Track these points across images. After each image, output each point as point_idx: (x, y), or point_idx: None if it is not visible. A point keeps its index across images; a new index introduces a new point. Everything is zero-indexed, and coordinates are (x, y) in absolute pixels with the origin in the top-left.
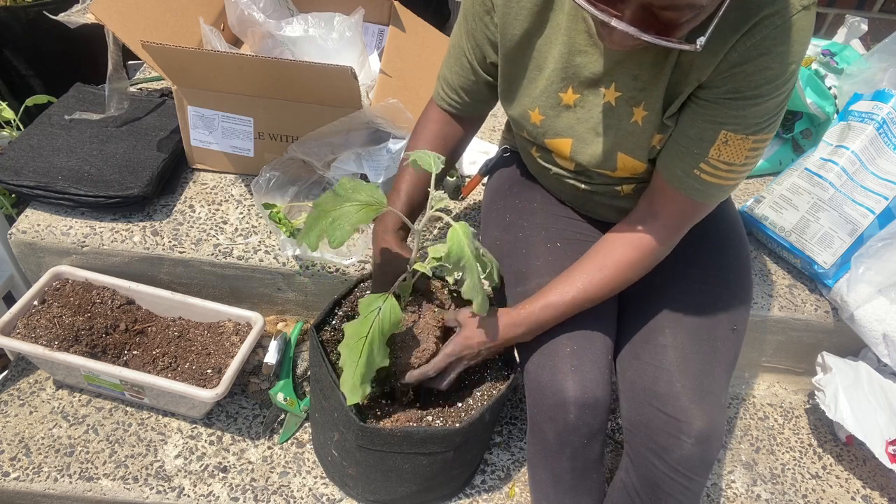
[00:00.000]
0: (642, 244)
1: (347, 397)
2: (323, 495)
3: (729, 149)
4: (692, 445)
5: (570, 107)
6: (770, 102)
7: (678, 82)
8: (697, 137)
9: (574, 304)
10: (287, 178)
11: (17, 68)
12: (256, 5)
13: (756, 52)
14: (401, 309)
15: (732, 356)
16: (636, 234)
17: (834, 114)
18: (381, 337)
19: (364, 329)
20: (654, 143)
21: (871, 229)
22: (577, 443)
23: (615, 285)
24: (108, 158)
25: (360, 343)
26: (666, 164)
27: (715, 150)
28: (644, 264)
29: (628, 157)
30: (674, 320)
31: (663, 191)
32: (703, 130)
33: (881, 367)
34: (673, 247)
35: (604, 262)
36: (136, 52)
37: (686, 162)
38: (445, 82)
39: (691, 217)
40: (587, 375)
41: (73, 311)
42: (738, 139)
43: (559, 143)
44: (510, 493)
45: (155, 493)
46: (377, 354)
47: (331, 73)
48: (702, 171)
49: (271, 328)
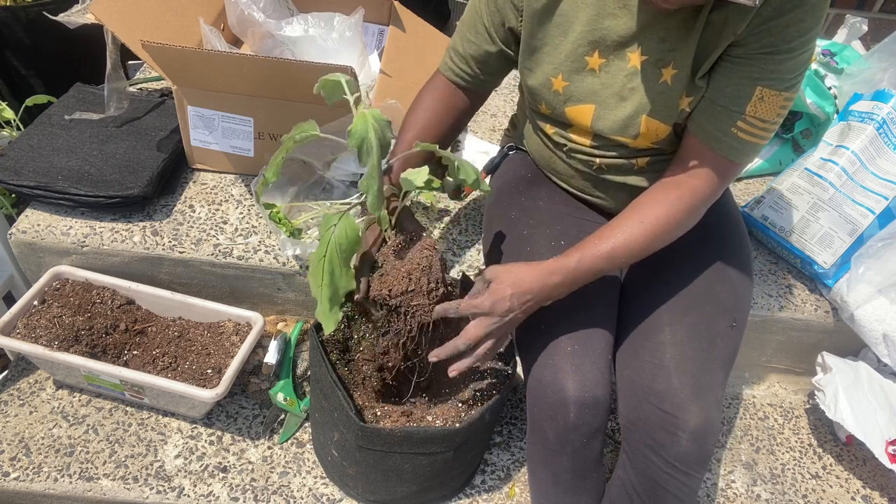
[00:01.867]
0: (681, 201)
1: (324, 326)
2: (323, 495)
3: (764, 105)
4: (688, 441)
5: (595, 72)
6: (802, 56)
7: (710, 41)
8: (734, 95)
9: (612, 258)
10: (287, 178)
11: (17, 68)
12: (256, 5)
13: (790, 5)
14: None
15: (731, 352)
16: (674, 192)
17: (834, 114)
18: (339, 255)
19: (322, 249)
20: (682, 105)
21: (871, 229)
22: (578, 442)
23: (652, 242)
24: (108, 158)
25: (320, 264)
26: (701, 126)
27: (751, 107)
28: (682, 221)
29: (653, 119)
30: (673, 317)
31: (699, 153)
32: (740, 87)
33: (881, 367)
34: (707, 207)
35: (642, 217)
36: (136, 52)
37: (723, 121)
38: (455, 52)
39: (726, 177)
40: (587, 374)
41: (73, 311)
42: (772, 95)
43: (581, 110)
44: (510, 493)
45: (155, 493)
46: (340, 276)
47: (331, 72)
48: (739, 129)
49: (271, 328)
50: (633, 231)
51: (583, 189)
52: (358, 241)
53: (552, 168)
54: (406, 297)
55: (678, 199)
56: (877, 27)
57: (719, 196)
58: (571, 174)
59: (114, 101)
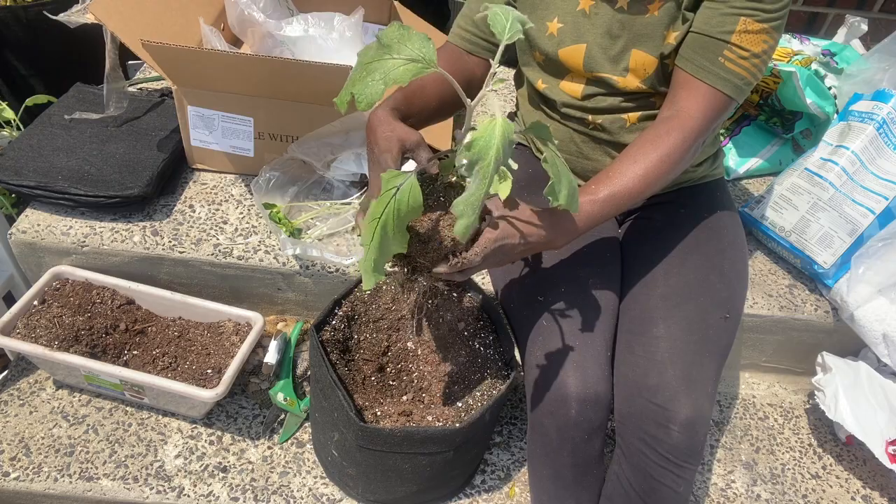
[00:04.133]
0: (674, 138)
1: (364, 281)
2: (323, 495)
3: (749, 37)
4: (679, 433)
5: (587, 14)
6: None
7: None
8: (719, 25)
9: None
10: (287, 178)
11: (17, 68)
12: (256, 5)
13: None
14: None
15: (725, 344)
16: (665, 128)
17: (834, 114)
18: (396, 221)
19: (378, 209)
20: (669, 39)
21: (871, 229)
22: (578, 438)
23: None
24: (108, 158)
25: (373, 224)
26: (689, 58)
27: (736, 37)
28: (676, 159)
29: (641, 51)
30: (667, 311)
31: (688, 85)
32: (724, 18)
33: (881, 367)
34: (702, 145)
35: (636, 157)
36: (136, 52)
37: (710, 50)
38: (462, 18)
39: (717, 110)
40: (588, 371)
41: (73, 311)
42: (755, 25)
43: (573, 50)
44: (510, 493)
45: (155, 493)
46: (392, 239)
47: (331, 72)
48: (726, 58)
49: (271, 328)
50: (631, 173)
51: (577, 154)
52: (419, 208)
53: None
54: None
55: (669, 134)
56: (877, 27)
57: (712, 134)
58: (567, 138)
59: (113, 100)
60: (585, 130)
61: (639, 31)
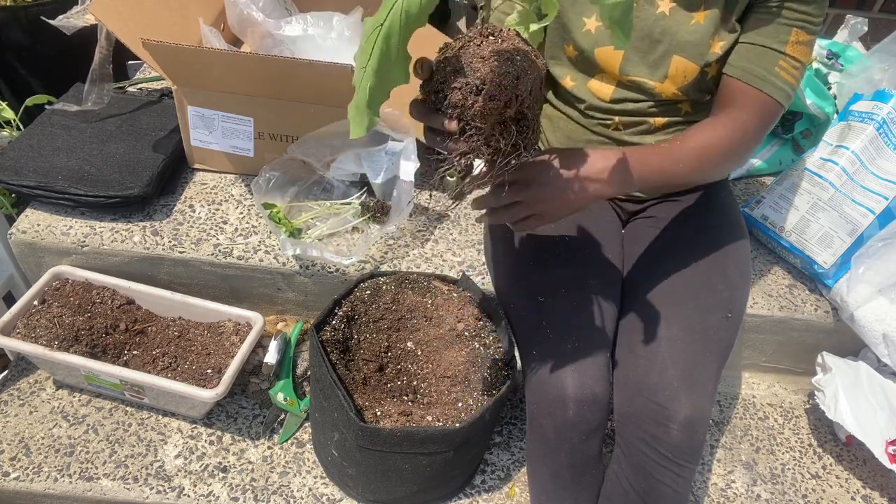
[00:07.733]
0: (729, 132)
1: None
2: (323, 495)
3: (800, 48)
4: (678, 432)
5: None
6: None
7: None
8: (773, 36)
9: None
10: (287, 178)
11: (16, 68)
12: (256, 5)
13: None
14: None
15: (726, 343)
16: (720, 121)
17: (834, 114)
18: (402, 28)
19: (381, 15)
20: (714, 48)
21: (871, 229)
22: (576, 439)
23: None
24: (108, 158)
25: (373, 36)
26: (744, 68)
27: (790, 48)
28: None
29: (683, 58)
30: (669, 311)
31: (743, 94)
32: (778, 29)
33: (881, 367)
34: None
35: (688, 140)
36: (136, 52)
37: (767, 60)
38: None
39: (771, 118)
40: (587, 372)
41: (73, 311)
42: (805, 37)
43: (611, 51)
44: (510, 493)
45: (155, 493)
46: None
47: (331, 71)
48: (781, 68)
49: (271, 328)
50: (682, 151)
51: None
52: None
53: (566, 136)
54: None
55: (725, 128)
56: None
57: (761, 141)
58: (586, 139)
59: (93, 95)
60: (606, 132)
61: (682, 39)
